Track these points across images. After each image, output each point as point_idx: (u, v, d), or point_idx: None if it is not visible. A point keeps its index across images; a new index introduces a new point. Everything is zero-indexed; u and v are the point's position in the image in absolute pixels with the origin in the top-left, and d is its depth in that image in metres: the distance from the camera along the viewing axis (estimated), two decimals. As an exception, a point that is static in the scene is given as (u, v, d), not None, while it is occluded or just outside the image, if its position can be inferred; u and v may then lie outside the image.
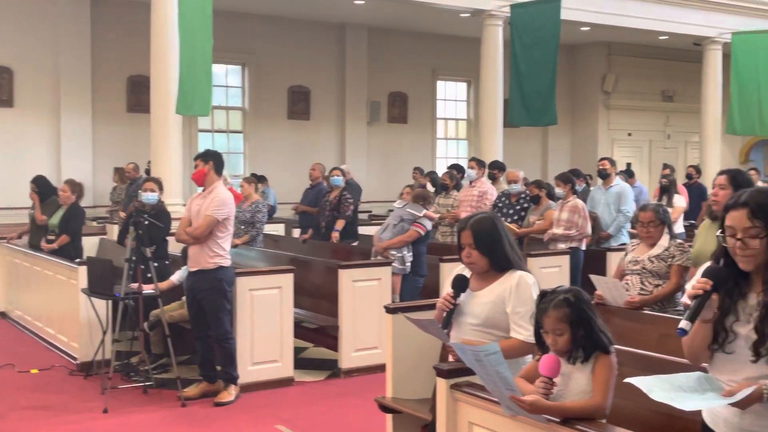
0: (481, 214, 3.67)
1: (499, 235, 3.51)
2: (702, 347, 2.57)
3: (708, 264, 2.67)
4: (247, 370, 6.14)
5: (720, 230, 2.56)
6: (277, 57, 14.50)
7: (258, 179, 9.86)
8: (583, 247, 8.14)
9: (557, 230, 8.00)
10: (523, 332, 3.35)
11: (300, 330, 6.96)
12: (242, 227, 8.30)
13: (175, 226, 6.56)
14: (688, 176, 12.26)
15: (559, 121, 12.80)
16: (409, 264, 7.33)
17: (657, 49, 17.00)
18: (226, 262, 5.89)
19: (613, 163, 9.28)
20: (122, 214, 9.77)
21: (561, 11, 11.36)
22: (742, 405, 2.41)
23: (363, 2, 12.64)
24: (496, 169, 9.90)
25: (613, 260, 7.60)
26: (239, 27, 13.80)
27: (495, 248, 3.48)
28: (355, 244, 8.91)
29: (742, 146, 19.35)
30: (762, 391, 2.39)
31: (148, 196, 6.69)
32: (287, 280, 6.41)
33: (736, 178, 4.60)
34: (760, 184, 13.16)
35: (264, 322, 6.25)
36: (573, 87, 17.59)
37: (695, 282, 2.54)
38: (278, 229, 11.31)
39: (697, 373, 2.62)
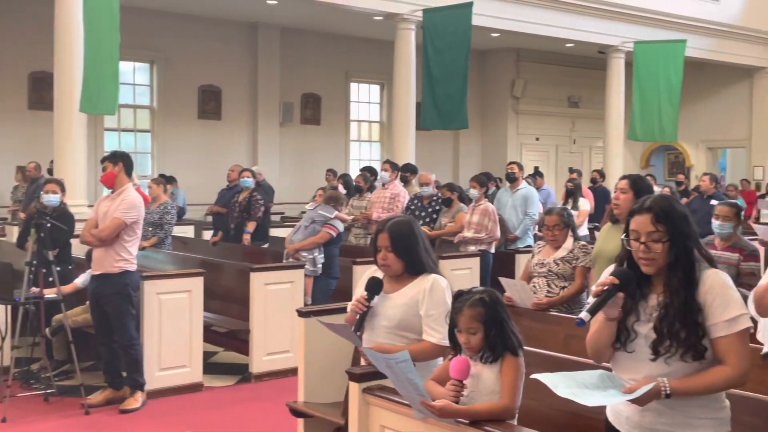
0: (398, 217, 3.68)
1: (415, 239, 3.52)
2: (606, 345, 2.65)
3: (613, 266, 2.76)
4: (155, 376, 5.99)
5: (624, 234, 2.65)
6: (187, 55, 14.22)
7: (166, 180, 9.63)
8: (493, 250, 8.29)
9: (468, 233, 8.12)
10: (436, 335, 3.38)
11: (210, 334, 6.84)
12: (150, 229, 8.09)
13: (79, 228, 6.34)
14: (593, 180, 12.65)
15: (470, 124, 12.99)
16: (320, 266, 7.31)
17: (564, 56, 17.48)
18: (132, 267, 5.74)
19: (521, 167, 9.49)
20: (22, 215, 9.40)
21: (472, 17, 11.54)
22: (641, 402, 2.50)
23: (276, 2, 12.54)
24: (408, 172, 9.97)
25: (521, 262, 7.76)
26: (147, 23, 13.47)
27: (411, 252, 3.50)
28: (266, 246, 8.83)
29: (643, 151, 20.09)
30: (660, 388, 2.49)
31: (49, 198, 6.46)
32: (197, 284, 6.29)
33: (637, 183, 4.76)
34: (657, 189, 13.70)
35: (172, 326, 6.11)
36: (483, 91, 17.91)
37: (595, 287, 2.62)
38: (188, 231, 11.09)
39: (599, 370, 2.70)
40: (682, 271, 2.56)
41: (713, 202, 7.71)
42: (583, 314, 2.52)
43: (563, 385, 2.55)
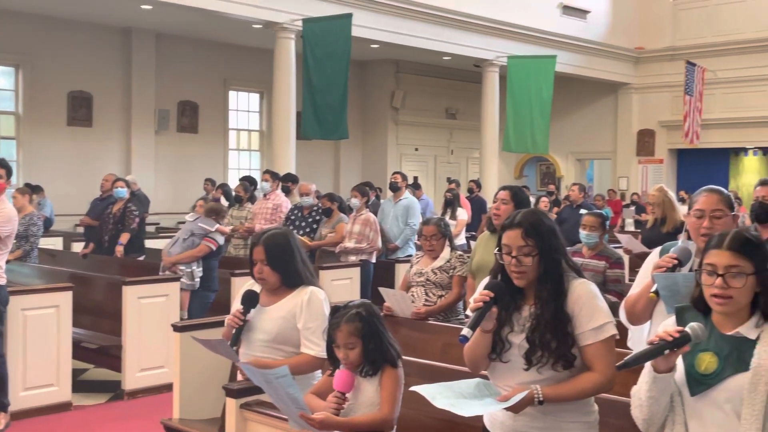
0: (274, 229, 3.64)
1: (291, 252, 3.49)
2: (482, 357, 2.72)
3: (487, 278, 2.83)
4: (19, 396, 5.66)
5: (497, 248, 2.73)
6: (55, 59, 13.60)
7: (32, 189, 9.16)
8: (374, 260, 8.34)
9: (349, 243, 8.13)
10: (314, 348, 3.35)
11: (79, 351, 6.53)
12: (14, 241, 7.65)
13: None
14: (470, 190, 12.96)
15: (351, 135, 13.06)
16: (198, 279, 7.13)
17: (442, 68, 17.86)
18: (2, 281, 5.41)
19: (404, 177, 9.62)
20: None
21: (352, 28, 11.62)
22: (515, 408, 2.57)
23: (150, 7, 12.19)
24: (289, 182, 9.90)
25: (401, 272, 7.85)
26: (12, 26, 12.81)
27: (287, 265, 3.46)
28: (141, 258, 8.54)
29: (516, 162, 20.79)
30: (533, 395, 2.57)
31: None
32: (65, 299, 6.00)
33: (517, 195, 4.90)
34: (532, 199, 14.19)
35: (38, 344, 5.80)
36: (364, 102, 18.04)
37: (477, 294, 2.68)
38: (56, 243, 10.59)
39: (476, 379, 2.76)
40: (551, 282, 2.66)
41: (582, 211, 8.05)
42: (465, 330, 2.57)
43: (441, 396, 2.59)
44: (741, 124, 17.44)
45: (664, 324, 2.53)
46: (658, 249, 3.32)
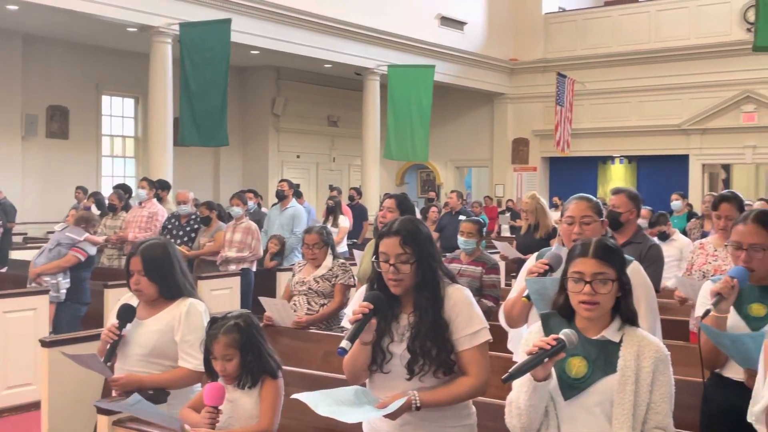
0: (152, 239, 3.53)
1: (170, 262, 3.39)
2: (362, 369, 2.71)
3: (364, 288, 2.84)
4: None
5: (374, 256, 2.74)
6: None
7: None
8: (254, 268, 8.23)
9: (230, 252, 7.99)
10: (192, 361, 3.27)
11: (-63, 371, 6.12)
12: None
13: None
14: (351, 198, 13.01)
15: (231, 141, 12.85)
16: (63, 291, 6.79)
17: (323, 76, 17.86)
18: None
19: (291, 184, 9.55)
20: None
21: (231, 33, 11.45)
22: (394, 416, 2.58)
23: (16, 8, 11.59)
24: (160, 189, 9.61)
25: (283, 280, 7.78)
26: None
27: (165, 276, 3.36)
28: (4, 270, 8.11)
29: (398, 170, 21.04)
30: (411, 401, 2.59)
31: None
32: None
33: (403, 203, 4.97)
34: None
35: None
36: (244, 108, 17.80)
37: (355, 306, 2.68)
38: None
39: (355, 386, 2.76)
40: (429, 290, 2.68)
41: (461, 217, 8.23)
42: (344, 343, 2.56)
43: (323, 403, 2.58)
44: (608, 134, 18.32)
45: (530, 331, 2.63)
46: (534, 255, 3.44)
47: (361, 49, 15.58)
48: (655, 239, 7.08)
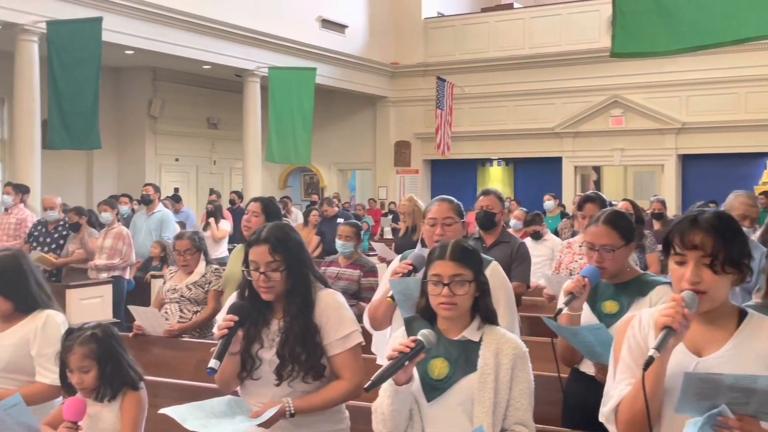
0: (2, 251, 3.34)
1: (24, 275, 3.22)
2: (232, 377, 2.69)
3: (234, 295, 2.80)
4: None
5: (243, 264, 2.71)
6: None
7: None
8: (128, 276, 7.96)
9: (100, 259, 7.69)
10: (50, 375, 3.12)
11: None
12: None
13: None
14: (231, 201, 12.81)
15: (106, 144, 12.39)
16: None
17: (202, 77, 17.50)
18: None
19: (157, 188, 9.26)
20: None
21: (102, 32, 11.04)
22: (267, 424, 2.56)
23: None
24: (20, 193, 9.12)
25: (156, 288, 7.56)
26: None
27: (19, 289, 3.19)
28: None
29: (281, 173, 20.88)
30: (284, 408, 2.58)
31: None
32: None
33: (268, 207, 4.91)
34: (298, 210, 14.34)
35: None
36: (119, 110, 17.20)
37: (221, 320, 2.64)
38: None
39: (227, 397, 2.72)
40: (299, 296, 2.68)
41: (339, 220, 8.24)
42: (212, 362, 2.52)
43: (192, 417, 2.52)
44: (486, 137, 18.80)
45: (394, 336, 2.66)
46: (399, 256, 3.48)
47: (240, 51, 15.37)
48: (528, 239, 7.33)
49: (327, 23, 17.75)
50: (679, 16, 4.40)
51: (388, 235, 15.02)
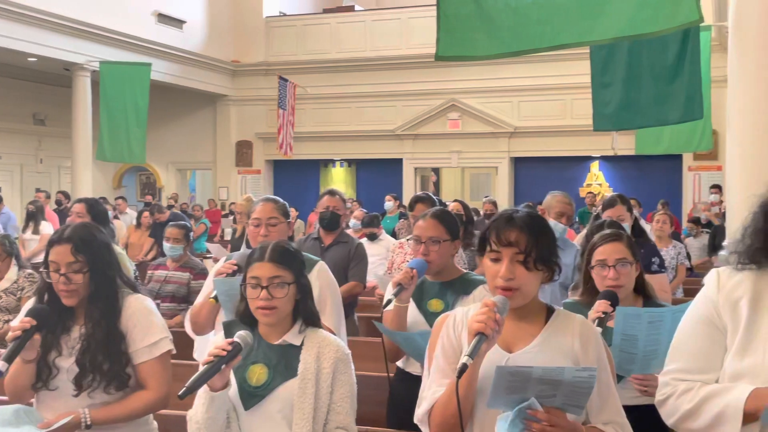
0: None
1: None
2: (25, 387, 2.53)
3: (32, 301, 2.62)
4: None
5: (43, 266, 2.53)
6: None
7: None
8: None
9: None
10: None
11: None
12: None
13: None
14: (58, 202, 12.13)
15: None
16: None
17: (27, 70, 16.43)
18: None
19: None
20: None
21: None
22: None
23: None
24: None
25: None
26: None
27: None
28: None
29: (115, 172, 19.99)
30: (80, 419, 2.43)
31: None
32: None
33: (94, 208, 4.65)
34: (132, 212, 13.76)
35: None
36: (-69, 103, 15.86)
37: (16, 323, 2.45)
38: None
39: (15, 405, 2.55)
40: (103, 300, 2.54)
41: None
42: (1, 364, 2.34)
43: None
44: (329, 138, 18.84)
45: (212, 341, 2.55)
46: (225, 256, 3.38)
47: (69, 43, 14.55)
48: (365, 239, 7.38)
49: (163, 18, 17.15)
50: (498, 21, 4.54)
51: (229, 236, 14.72)
